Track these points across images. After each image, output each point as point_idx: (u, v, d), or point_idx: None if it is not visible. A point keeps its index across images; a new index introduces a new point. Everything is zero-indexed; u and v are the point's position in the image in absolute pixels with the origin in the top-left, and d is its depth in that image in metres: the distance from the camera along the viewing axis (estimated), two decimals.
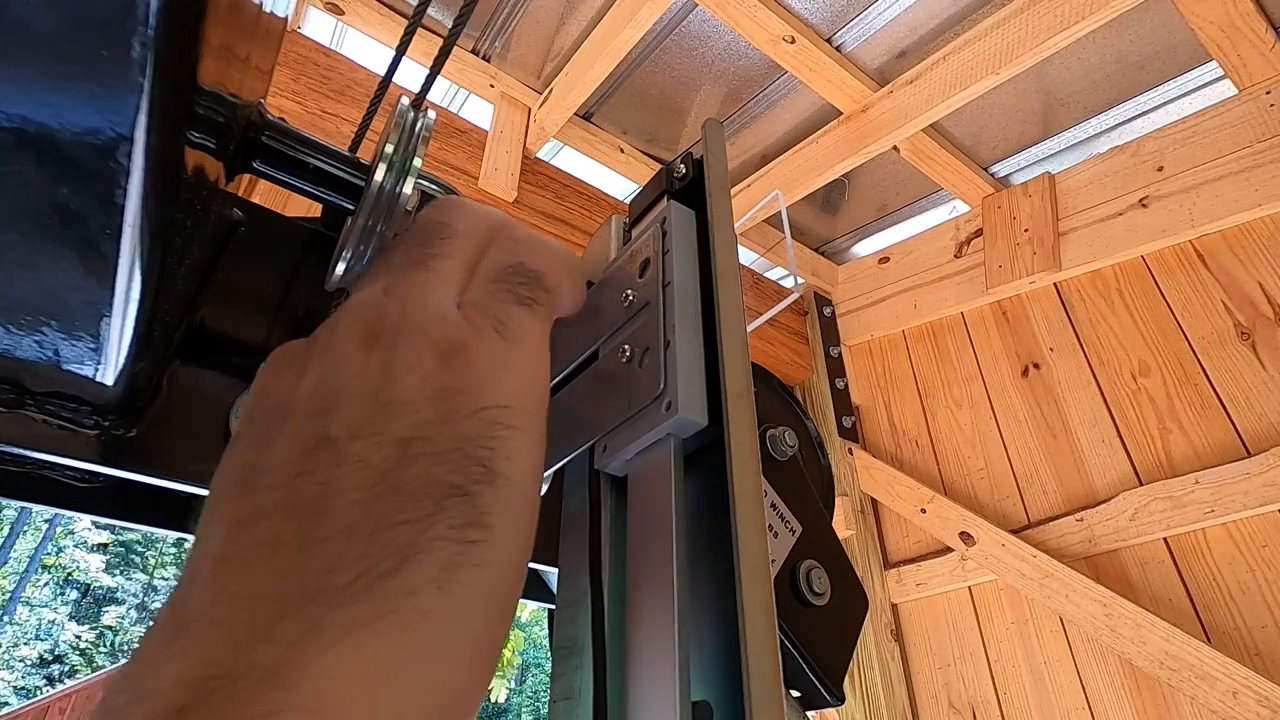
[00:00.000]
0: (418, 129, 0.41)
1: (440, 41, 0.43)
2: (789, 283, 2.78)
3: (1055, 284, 2.14)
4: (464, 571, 0.20)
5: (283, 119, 0.43)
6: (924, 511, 2.14)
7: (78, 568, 18.86)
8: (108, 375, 0.33)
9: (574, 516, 0.38)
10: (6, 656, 16.57)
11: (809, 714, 0.41)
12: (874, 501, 2.33)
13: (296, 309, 0.48)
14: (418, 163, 0.41)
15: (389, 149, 0.40)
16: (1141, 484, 1.79)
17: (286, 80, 1.72)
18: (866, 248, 2.74)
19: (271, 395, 0.26)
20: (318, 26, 2.08)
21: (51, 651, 17.28)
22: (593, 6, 1.86)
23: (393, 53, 0.47)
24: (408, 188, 0.41)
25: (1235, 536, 1.64)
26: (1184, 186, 1.89)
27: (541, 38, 1.99)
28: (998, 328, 2.25)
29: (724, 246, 0.33)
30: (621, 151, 2.30)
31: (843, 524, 2.24)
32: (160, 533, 0.55)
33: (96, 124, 0.22)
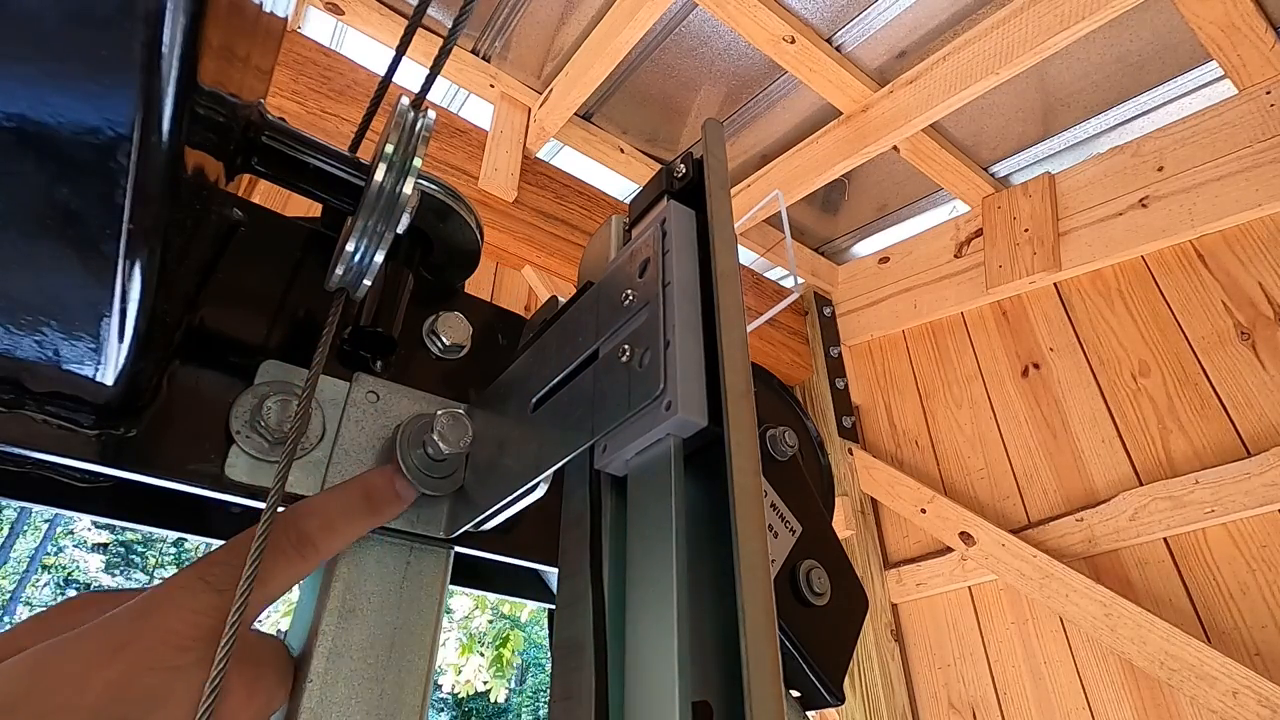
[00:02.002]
0: (418, 129, 0.41)
1: (440, 41, 0.43)
2: (789, 283, 2.78)
3: (1055, 284, 2.14)
4: None
5: (283, 119, 0.43)
6: (924, 511, 2.14)
7: (78, 568, 18.85)
8: (108, 375, 0.33)
9: (574, 516, 0.38)
10: None
11: (809, 714, 0.41)
12: (874, 501, 2.33)
13: (296, 309, 0.48)
14: (418, 163, 0.41)
15: (389, 149, 0.40)
16: (1141, 484, 1.79)
17: (286, 80, 1.72)
18: (866, 248, 2.74)
19: None
20: (318, 26, 2.08)
21: None
22: (593, 6, 1.86)
23: (393, 53, 0.47)
24: (408, 188, 0.41)
25: (1235, 536, 1.64)
26: (1184, 186, 1.89)
27: (541, 38, 1.99)
28: (998, 328, 2.25)
29: (724, 246, 0.33)
30: (621, 151, 2.30)
31: (843, 524, 2.24)
32: (160, 533, 0.55)
33: (96, 124, 0.22)
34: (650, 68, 2.05)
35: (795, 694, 0.40)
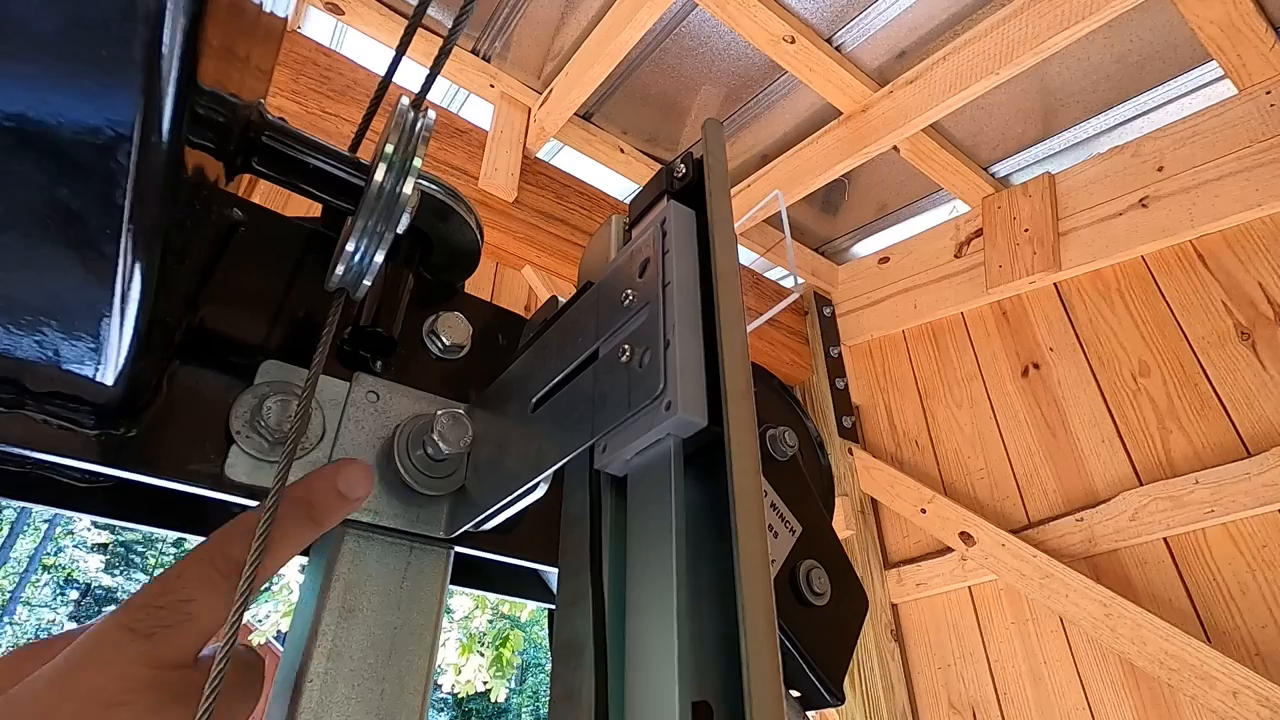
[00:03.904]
0: (418, 129, 0.41)
1: (440, 41, 0.43)
2: (789, 283, 2.78)
3: (1055, 284, 2.14)
4: None
5: (283, 119, 0.43)
6: (924, 511, 2.14)
7: (77, 568, 18.86)
8: (108, 375, 0.33)
9: (574, 516, 0.38)
10: None
11: (809, 714, 0.41)
12: (874, 501, 2.33)
13: (296, 309, 0.48)
14: (418, 163, 0.41)
15: (389, 149, 0.40)
16: (1141, 484, 1.79)
17: (286, 80, 1.72)
18: (866, 248, 2.74)
19: None
20: (318, 26, 2.08)
21: None
22: (593, 7, 1.86)
23: (393, 53, 0.47)
24: (408, 188, 0.41)
25: (1235, 536, 1.64)
26: (1184, 186, 1.89)
27: (541, 38, 1.99)
28: (998, 328, 2.25)
29: (724, 246, 0.33)
30: (621, 151, 2.30)
31: (843, 524, 2.24)
32: (160, 533, 0.55)
33: (97, 124, 0.22)
34: (650, 68, 2.05)
35: (795, 694, 0.40)
